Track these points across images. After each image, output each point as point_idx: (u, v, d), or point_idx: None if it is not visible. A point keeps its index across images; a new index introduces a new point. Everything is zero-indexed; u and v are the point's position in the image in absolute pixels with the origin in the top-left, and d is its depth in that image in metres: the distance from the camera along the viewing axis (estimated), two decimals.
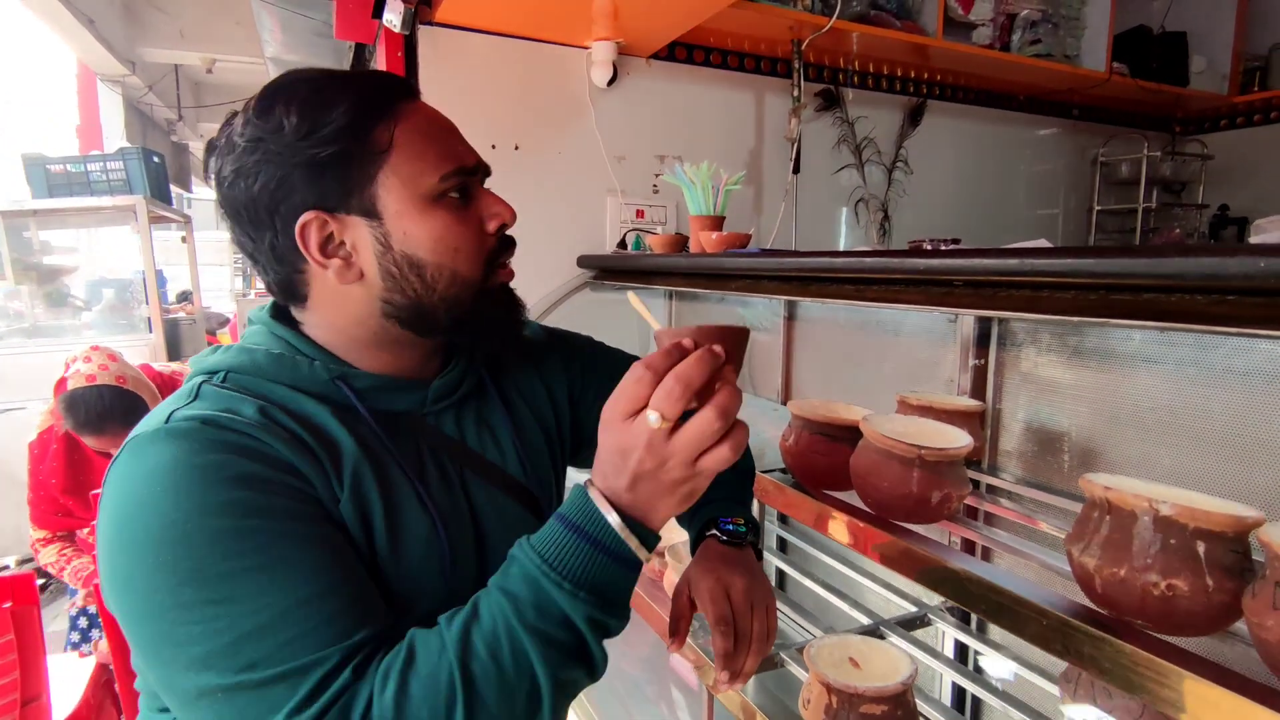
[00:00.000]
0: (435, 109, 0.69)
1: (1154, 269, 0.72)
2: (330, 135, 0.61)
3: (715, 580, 0.74)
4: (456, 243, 0.65)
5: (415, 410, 0.71)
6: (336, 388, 0.66)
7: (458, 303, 0.67)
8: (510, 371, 0.81)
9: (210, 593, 0.51)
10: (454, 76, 1.94)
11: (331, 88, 0.63)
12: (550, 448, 0.82)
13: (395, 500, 0.64)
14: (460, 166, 0.66)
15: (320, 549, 0.56)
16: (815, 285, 1.23)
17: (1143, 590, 0.60)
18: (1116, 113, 3.14)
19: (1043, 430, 1.11)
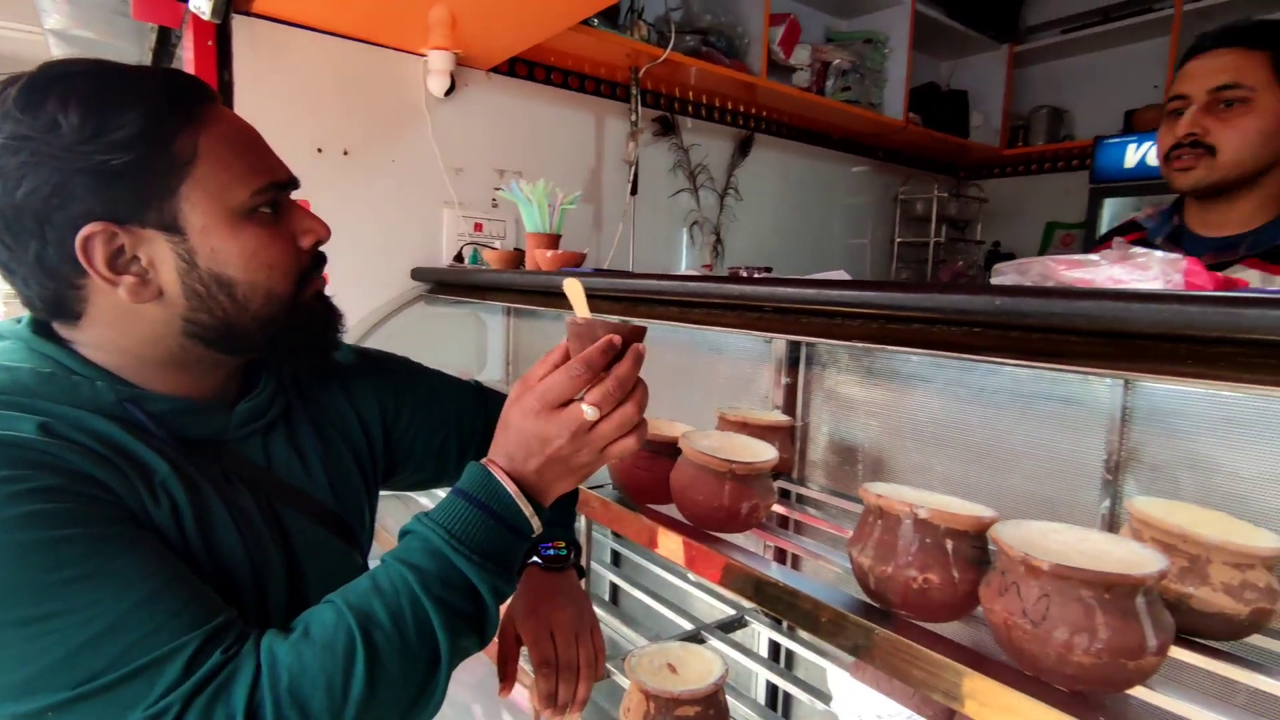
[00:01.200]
0: (238, 116, 0.65)
1: (920, 303, 0.83)
2: (123, 141, 0.56)
3: (538, 620, 0.76)
4: (271, 259, 0.63)
5: (217, 436, 0.66)
6: (127, 411, 0.60)
7: (272, 320, 0.64)
8: (320, 395, 0.78)
9: (31, 610, 0.47)
10: (275, 73, 1.82)
11: (121, 85, 0.57)
12: (361, 473, 0.80)
13: (206, 518, 0.60)
14: (273, 181, 0.64)
15: (146, 550, 0.52)
16: (644, 306, 1.29)
17: (905, 584, 0.69)
18: (913, 156, 3.56)
19: (842, 443, 1.23)
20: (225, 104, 1.74)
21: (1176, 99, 1.20)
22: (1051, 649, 0.57)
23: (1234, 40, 1.14)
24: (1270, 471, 0.75)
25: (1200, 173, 1.16)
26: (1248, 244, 1.16)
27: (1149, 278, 0.69)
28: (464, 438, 0.90)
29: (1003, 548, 0.62)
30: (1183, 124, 1.17)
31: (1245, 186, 1.16)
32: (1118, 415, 0.86)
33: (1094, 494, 0.90)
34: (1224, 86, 1.13)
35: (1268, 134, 1.12)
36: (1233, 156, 1.13)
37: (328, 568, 0.70)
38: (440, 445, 0.88)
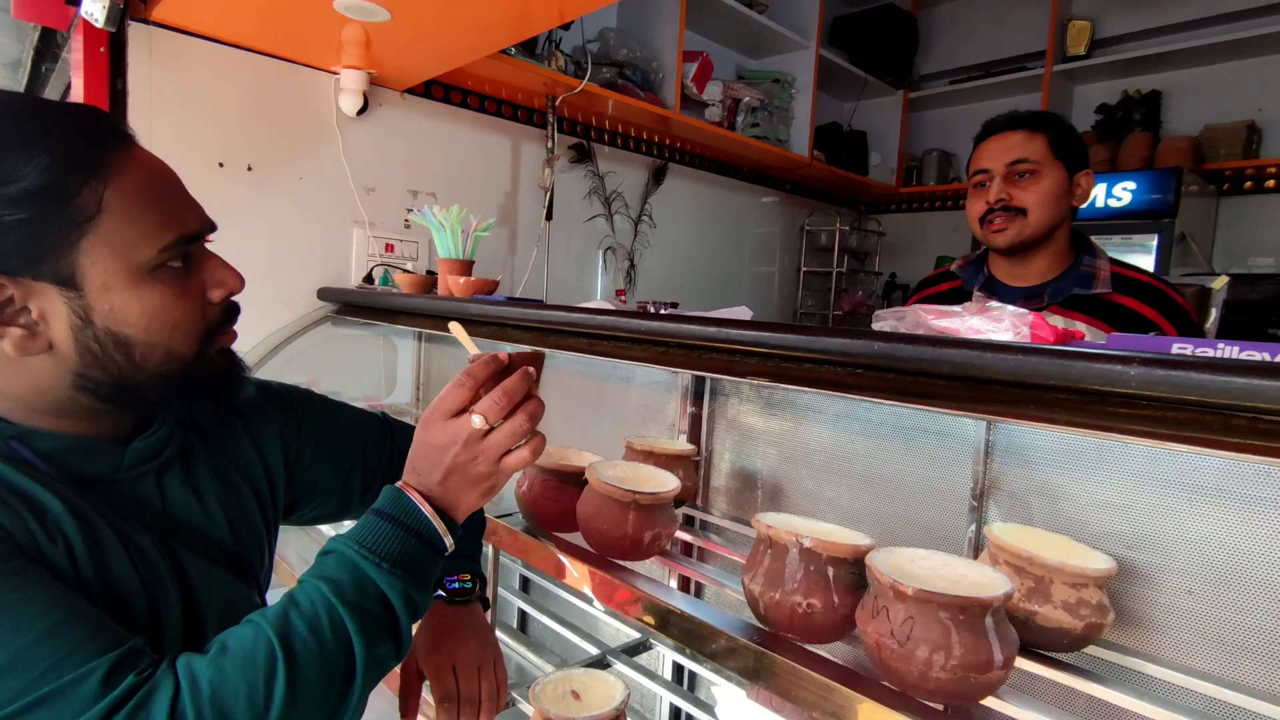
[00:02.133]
0: (156, 158, 0.63)
1: (810, 345, 0.90)
2: (17, 195, 0.53)
3: (440, 655, 0.77)
4: (174, 318, 0.61)
5: (109, 475, 0.64)
6: (12, 449, 0.58)
7: (168, 378, 0.63)
8: (219, 433, 0.77)
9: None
10: (174, 84, 1.74)
11: (21, 130, 0.55)
12: (261, 511, 0.78)
13: (104, 557, 0.58)
14: (182, 235, 0.61)
15: (44, 586, 0.51)
16: (555, 336, 1.31)
17: (791, 609, 0.74)
18: (818, 190, 3.75)
19: (743, 471, 1.30)
20: (118, 114, 1.68)
21: (980, 173, 1.44)
22: (914, 666, 0.63)
23: (1019, 125, 1.39)
24: (1103, 499, 0.85)
25: (1013, 232, 1.38)
26: (1049, 292, 1.40)
27: (1002, 328, 0.77)
28: (369, 471, 0.90)
29: (875, 574, 0.68)
30: (992, 192, 1.39)
31: (1043, 242, 1.39)
32: (982, 448, 0.95)
33: (963, 519, 0.99)
34: (1017, 161, 1.37)
35: (1056, 196, 1.36)
36: (1038, 215, 1.36)
37: (225, 607, 0.69)
38: (345, 479, 0.88)
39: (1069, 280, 1.39)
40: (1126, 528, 0.84)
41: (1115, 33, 3.22)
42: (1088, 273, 1.38)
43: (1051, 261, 1.42)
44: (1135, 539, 0.83)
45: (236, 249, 0.72)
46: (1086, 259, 1.40)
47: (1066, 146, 1.37)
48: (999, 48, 3.59)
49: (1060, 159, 1.36)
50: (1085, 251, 1.41)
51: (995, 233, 1.40)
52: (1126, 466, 0.84)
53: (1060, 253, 1.42)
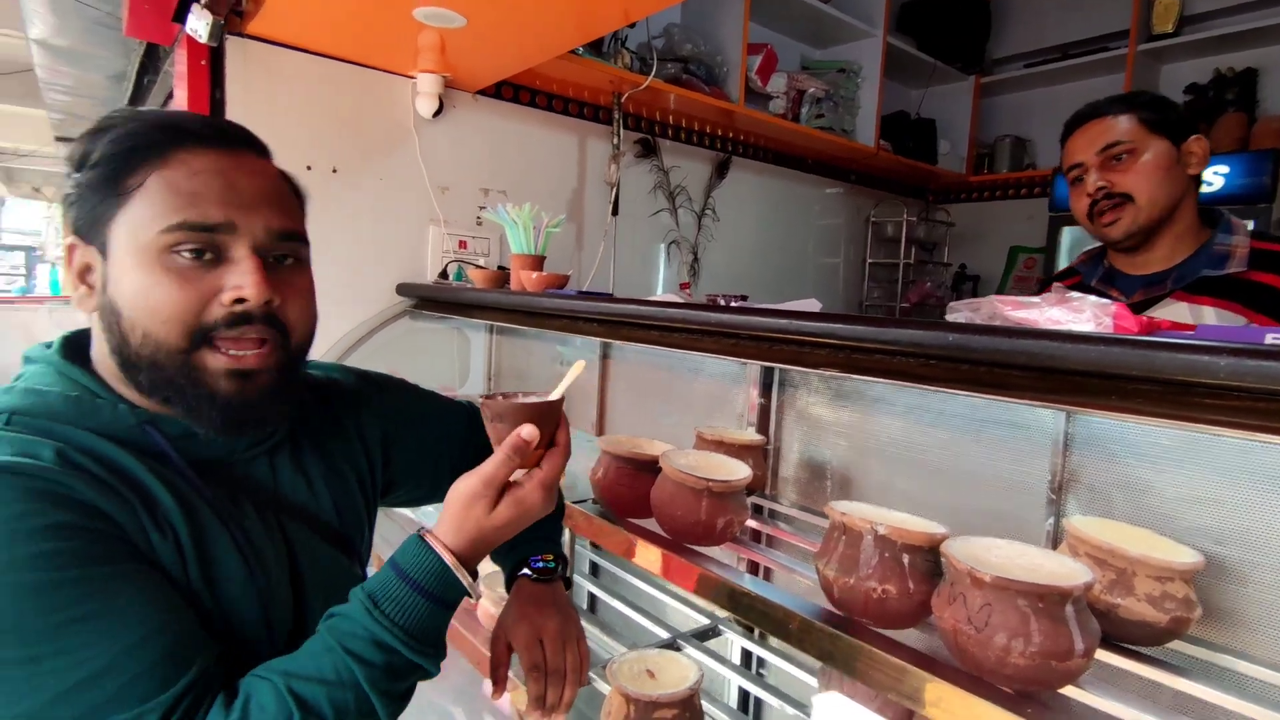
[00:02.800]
0: (236, 162, 0.65)
1: (882, 336, 0.91)
2: (89, 164, 0.62)
3: (529, 626, 0.81)
4: (156, 304, 0.61)
5: (226, 458, 0.70)
6: (145, 433, 0.64)
7: (156, 367, 0.62)
8: (324, 419, 0.82)
9: (33, 649, 0.51)
10: (267, 92, 1.86)
11: (115, 123, 0.63)
12: (362, 492, 0.84)
13: (208, 547, 0.63)
14: (185, 221, 0.61)
15: (140, 590, 0.56)
16: (625, 329, 1.35)
17: (865, 594, 0.76)
18: (884, 180, 3.68)
19: (812, 461, 1.31)
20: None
21: (1074, 168, 1.33)
22: (992, 652, 0.64)
23: (1102, 111, 1.29)
24: (1190, 493, 0.83)
25: (1126, 221, 1.26)
26: (1173, 278, 1.27)
27: (1083, 319, 0.77)
28: (456, 458, 0.96)
29: (951, 561, 0.69)
30: (1090, 183, 1.29)
31: (1164, 225, 1.27)
32: (1061, 440, 0.94)
33: (1040, 512, 0.98)
34: (1110, 145, 1.26)
35: (1164, 170, 1.24)
36: (1147, 197, 1.24)
37: (329, 580, 0.74)
38: (434, 464, 0.93)
39: (1198, 262, 1.25)
40: (1216, 523, 0.82)
41: (1206, 8, 3.05)
42: (1221, 252, 1.24)
43: (1177, 243, 1.28)
44: (1226, 534, 0.81)
45: (322, 248, 0.74)
46: (1221, 237, 1.25)
47: (1161, 117, 1.25)
48: (1077, 28, 3.44)
49: (1158, 131, 1.24)
50: (1220, 228, 1.26)
51: (1107, 226, 1.29)
52: (1217, 460, 0.82)
53: (1187, 232, 1.28)
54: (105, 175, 0.62)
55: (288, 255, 0.68)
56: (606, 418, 1.80)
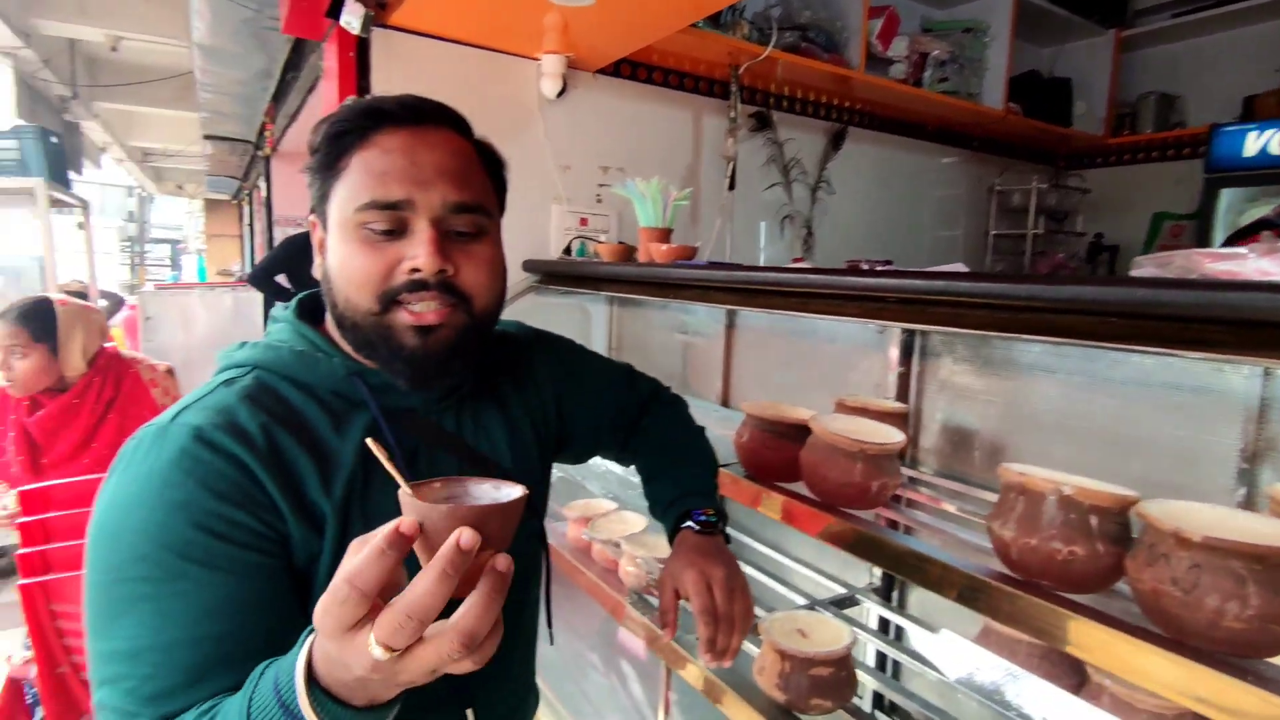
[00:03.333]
0: (424, 139, 0.68)
1: (1054, 294, 0.87)
2: (315, 148, 0.70)
3: (698, 573, 0.83)
4: (350, 272, 0.67)
5: (420, 408, 0.75)
6: (352, 384, 0.70)
7: (357, 327, 0.68)
8: (504, 374, 0.87)
9: (113, 604, 0.57)
10: (406, 80, 1.96)
11: (334, 114, 0.70)
12: (539, 443, 0.88)
13: (386, 502, 0.64)
14: (373, 200, 0.66)
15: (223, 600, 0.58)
16: (762, 297, 1.35)
17: (1048, 555, 0.74)
18: (1010, 146, 3.48)
19: (958, 429, 1.27)
20: None
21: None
22: (1203, 615, 0.62)
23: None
24: None
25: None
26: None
27: None
28: (616, 416, 1.00)
29: (1152, 522, 0.66)
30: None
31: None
32: (1255, 404, 0.88)
33: (1228, 482, 0.92)
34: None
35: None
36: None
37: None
38: (597, 422, 0.98)
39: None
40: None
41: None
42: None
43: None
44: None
45: None
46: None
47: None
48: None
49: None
50: None
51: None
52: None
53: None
54: (323, 160, 0.69)
55: (466, 229, 0.70)
56: (732, 387, 1.81)
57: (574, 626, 1.82)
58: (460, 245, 0.70)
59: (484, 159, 0.78)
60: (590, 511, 1.53)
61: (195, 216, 14.30)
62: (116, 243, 10.77)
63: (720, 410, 1.79)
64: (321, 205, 0.70)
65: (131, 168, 9.60)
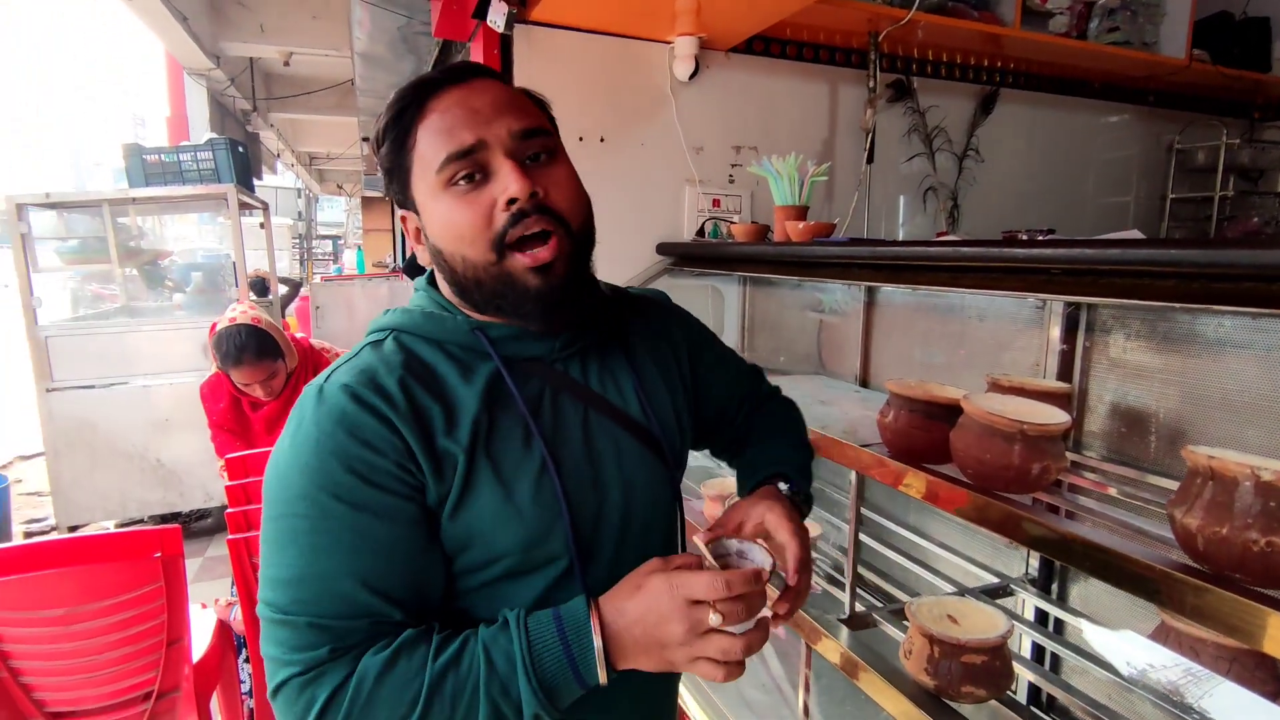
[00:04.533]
0: (470, 90, 0.71)
1: (1253, 260, 0.78)
2: (382, 143, 0.73)
3: (795, 525, 0.80)
4: (457, 229, 0.69)
5: (544, 356, 0.77)
6: (475, 338, 0.74)
7: (480, 283, 0.70)
8: (636, 329, 0.88)
9: (280, 536, 0.64)
10: (546, 72, 2.05)
11: (391, 103, 0.73)
12: (674, 398, 0.88)
13: (509, 444, 0.71)
14: (449, 154, 0.68)
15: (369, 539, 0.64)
16: (909, 273, 1.30)
17: (1243, 547, 0.67)
18: (1194, 99, 3.10)
19: (1131, 411, 1.17)
20: None
21: None
22: None
23: None
24: None
25: None
26: None
27: None
28: (740, 403, 0.99)
29: None
30: None
31: None
32: None
33: None
34: None
35: None
36: None
37: (632, 469, 0.79)
38: (722, 404, 0.97)
39: None
40: None
41: None
42: None
43: None
44: None
45: (596, 212, 0.80)
46: None
47: None
48: None
49: None
50: None
51: None
52: None
53: None
54: (393, 145, 0.72)
55: (539, 151, 0.71)
56: (871, 367, 1.76)
57: None
58: (539, 170, 0.71)
59: (532, 98, 0.79)
60: (726, 490, 1.55)
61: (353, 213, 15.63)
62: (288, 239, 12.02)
63: (859, 390, 1.75)
64: (405, 193, 0.73)
65: (300, 171, 10.64)
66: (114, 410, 3.61)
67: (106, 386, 3.62)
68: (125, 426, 3.64)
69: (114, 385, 3.61)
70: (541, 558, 0.71)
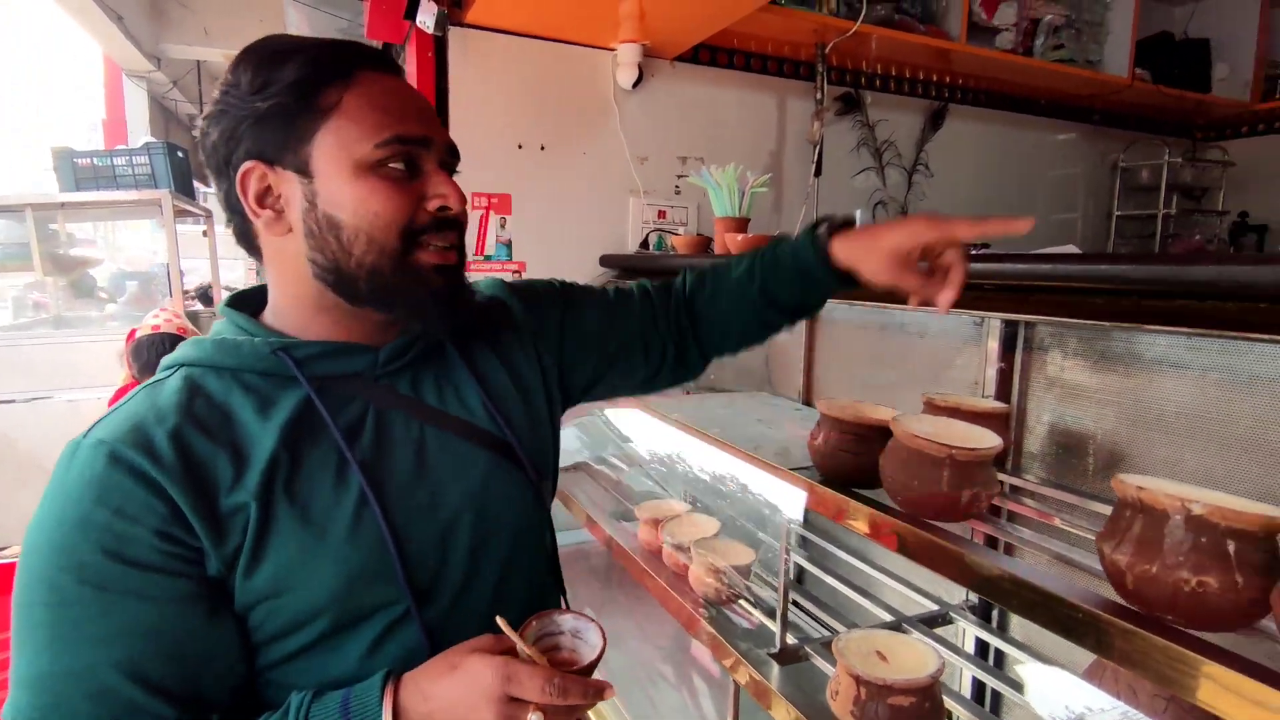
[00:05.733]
0: (409, 85, 0.69)
1: (1187, 276, 0.74)
2: (274, 90, 0.63)
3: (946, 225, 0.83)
4: (378, 208, 0.64)
5: (366, 372, 0.70)
6: (278, 361, 0.66)
7: (376, 271, 0.65)
8: (474, 333, 0.80)
9: (20, 627, 0.56)
10: (483, 77, 1.97)
11: (291, 49, 0.65)
12: (528, 397, 0.81)
13: (319, 480, 0.63)
14: (398, 135, 0.64)
15: (125, 624, 0.56)
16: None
17: (1174, 586, 0.62)
18: (1137, 118, 3.15)
19: (1068, 432, 1.13)
20: (441, 109, 1.93)
21: None
22: None
23: None
24: None
25: None
26: None
27: None
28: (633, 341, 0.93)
29: None
30: None
31: None
32: None
33: None
34: None
35: None
36: None
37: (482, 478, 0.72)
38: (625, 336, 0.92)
39: None
40: None
41: None
42: None
43: None
44: None
45: (531, 222, 0.76)
46: None
47: None
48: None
49: None
50: None
51: None
52: None
53: None
54: (293, 98, 0.63)
55: (453, 172, 0.71)
56: (814, 385, 1.71)
57: (645, 632, 1.78)
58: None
59: None
60: (662, 513, 1.48)
61: None
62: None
63: (801, 409, 1.69)
64: (285, 151, 0.64)
65: None
66: (38, 427, 3.41)
67: (28, 401, 3.42)
68: (51, 444, 3.44)
69: (36, 400, 3.42)
70: (369, 604, 0.63)
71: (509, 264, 2.03)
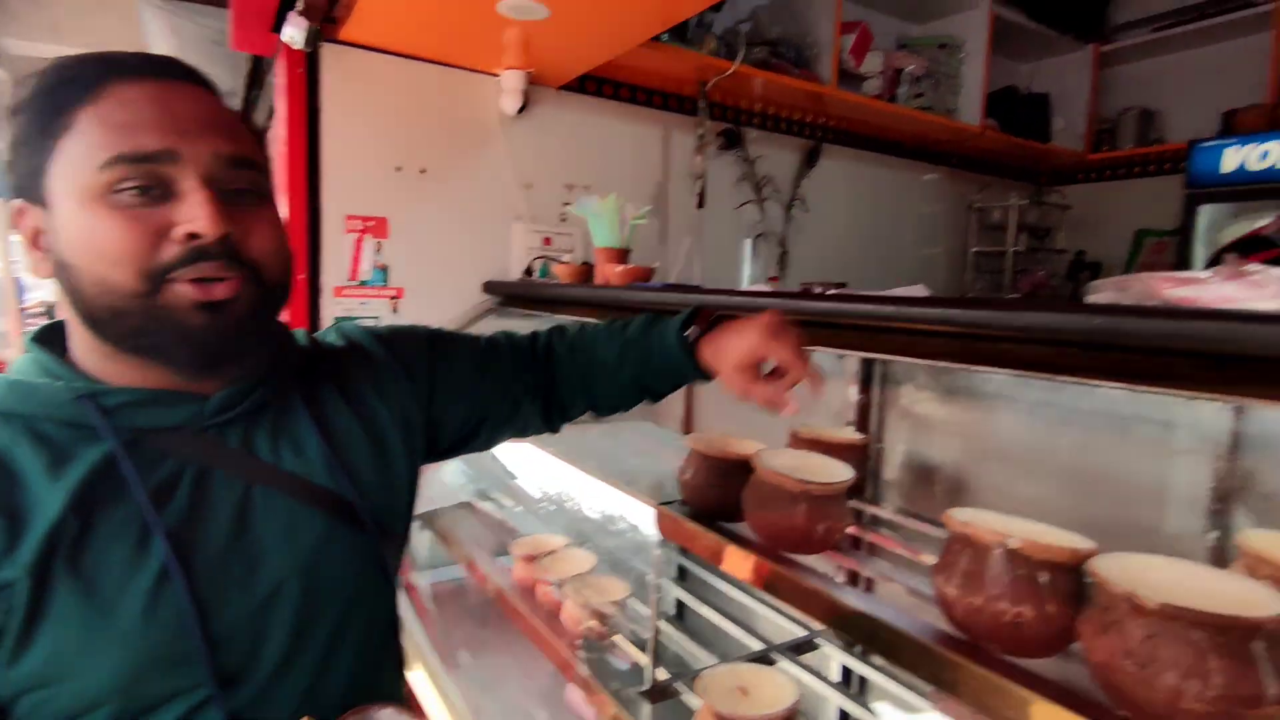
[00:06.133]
0: (177, 91, 0.58)
1: (1008, 321, 0.80)
2: (21, 114, 0.56)
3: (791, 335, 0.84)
4: (102, 246, 0.55)
5: (189, 424, 0.61)
6: (81, 409, 0.57)
7: (119, 315, 0.56)
8: (324, 381, 0.74)
9: None
10: (359, 97, 1.90)
11: (46, 67, 0.57)
12: (382, 450, 0.75)
13: (112, 551, 0.55)
14: (121, 154, 0.54)
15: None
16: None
17: (994, 617, 0.66)
18: (990, 164, 3.44)
19: (919, 463, 1.20)
20: (313, 127, 1.83)
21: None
22: (1158, 693, 0.54)
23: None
24: None
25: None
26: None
27: (1265, 295, 0.64)
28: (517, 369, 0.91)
29: (1104, 583, 0.59)
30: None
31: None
32: (1227, 442, 0.81)
33: (1197, 524, 0.85)
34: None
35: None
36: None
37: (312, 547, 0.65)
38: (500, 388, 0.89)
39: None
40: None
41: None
42: None
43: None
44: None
45: (412, 246, 0.70)
46: None
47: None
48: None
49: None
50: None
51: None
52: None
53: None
54: (35, 121, 0.56)
55: (247, 188, 0.61)
56: (695, 416, 1.74)
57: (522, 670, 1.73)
58: (241, 210, 0.59)
59: (245, 123, 0.65)
60: (538, 548, 1.45)
61: None
62: None
63: (683, 440, 1.71)
64: (33, 182, 0.56)
65: None
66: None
67: None
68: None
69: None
70: (161, 693, 0.55)
71: (385, 289, 1.95)
